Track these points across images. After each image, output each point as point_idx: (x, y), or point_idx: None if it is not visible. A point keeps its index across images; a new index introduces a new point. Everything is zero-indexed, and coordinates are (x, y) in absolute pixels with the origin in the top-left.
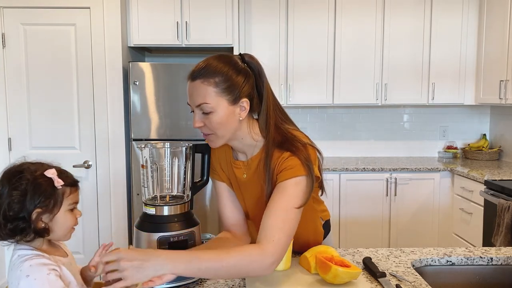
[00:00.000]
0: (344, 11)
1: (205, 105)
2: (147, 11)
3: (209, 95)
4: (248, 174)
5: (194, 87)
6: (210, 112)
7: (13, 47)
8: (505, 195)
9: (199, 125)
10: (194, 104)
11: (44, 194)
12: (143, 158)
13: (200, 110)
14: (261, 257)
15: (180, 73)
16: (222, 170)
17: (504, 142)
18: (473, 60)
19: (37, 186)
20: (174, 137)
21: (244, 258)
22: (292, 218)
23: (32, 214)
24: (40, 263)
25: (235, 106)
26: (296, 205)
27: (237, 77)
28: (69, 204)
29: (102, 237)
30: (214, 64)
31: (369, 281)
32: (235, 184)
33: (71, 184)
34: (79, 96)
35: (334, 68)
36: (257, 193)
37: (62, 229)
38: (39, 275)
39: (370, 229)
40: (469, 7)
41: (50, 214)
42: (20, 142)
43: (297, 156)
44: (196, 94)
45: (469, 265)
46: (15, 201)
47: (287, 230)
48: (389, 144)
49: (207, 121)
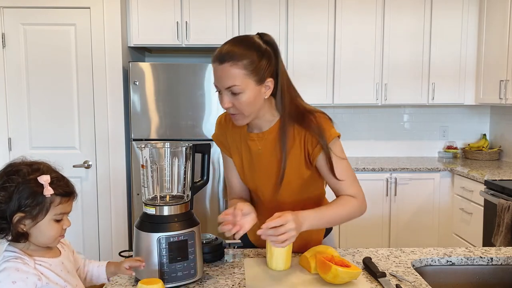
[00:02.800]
0: (344, 11)
1: (235, 87)
2: (147, 11)
3: (238, 77)
4: (263, 146)
5: (223, 70)
6: (239, 93)
7: (13, 47)
8: (505, 195)
9: (228, 106)
10: (223, 86)
11: (30, 200)
12: (143, 158)
13: (229, 91)
14: (362, 206)
15: (180, 73)
16: (234, 146)
17: (504, 142)
18: (473, 60)
19: (25, 190)
20: (174, 137)
21: (352, 206)
22: (351, 168)
23: (14, 217)
24: (14, 267)
25: (261, 86)
26: (346, 158)
27: (262, 58)
28: (56, 214)
29: (102, 237)
30: (241, 48)
31: (369, 281)
32: (247, 156)
33: (63, 194)
34: (79, 96)
35: (334, 68)
36: (268, 163)
37: (44, 237)
38: (6, 282)
39: (370, 229)
40: (469, 7)
41: (32, 221)
42: (20, 142)
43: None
44: (225, 77)
45: (469, 265)
46: (1, 201)
47: (357, 179)
48: (389, 144)
49: (236, 102)
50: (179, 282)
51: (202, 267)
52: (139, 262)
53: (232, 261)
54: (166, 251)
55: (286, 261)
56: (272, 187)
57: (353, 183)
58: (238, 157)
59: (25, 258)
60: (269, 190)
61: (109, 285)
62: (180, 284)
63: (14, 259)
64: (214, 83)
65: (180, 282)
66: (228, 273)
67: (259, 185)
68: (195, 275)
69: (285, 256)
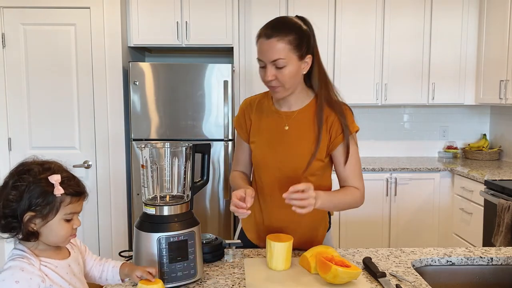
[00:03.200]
0: (344, 11)
1: (280, 60)
2: (147, 11)
3: (283, 51)
4: (292, 125)
5: (270, 44)
6: (283, 67)
7: (13, 47)
8: (505, 195)
9: (271, 79)
10: (269, 59)
11: (40, 199)
12: (143, 158)
13: (273, 65)
14: (362, 199)
15: (180, 73)
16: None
17: (504, 142)
18: (473, 60)
19: (36, 189)
20: (174, 137)
21: (355, 197)
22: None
23: (25, 216)
24: (19, 267)
25: (302, 61)
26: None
27: (303, 36)
28: (66, 213)
29: (102, 237)
30: (286, 26)
31: (369, 281)
32: (273, 134)
33: (73, 194)
34: (79, 96)
35: (334, 68)
36: (295, 145)
37: (54, 236)
38: (9, 281)
39: (370, 229)
40: (469, 7)
41: (42, 220)
42: (20, 142)
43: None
44: (272, 51)
45: (469, 265)
46: (12, 200)
47: (362, 174)
48: (389, 144)
49: (279, 75)
50: (179, 282)
51: (202, 267)
52: (151, 276)
53: (232, 261)
54: (166, 251)
55: (286, 261)
56: (297, 165)
57: (360, 177)
58: (261, 136)
59: (32, 258)
60: (291, 169)
61: (109, 285)
62: (180, 284)
63: (21, 258)
64: (258, 58)
65: (180, 282)
66: (228, 273)
67: (282, 164)
68: (195, 275)
69: (285, 256)
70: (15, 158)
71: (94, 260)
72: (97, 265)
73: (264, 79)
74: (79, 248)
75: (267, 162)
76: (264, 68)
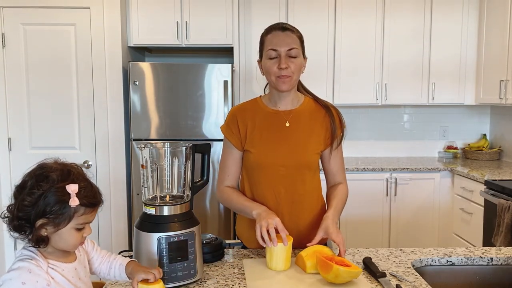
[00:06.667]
0: (344, 11)
1: (294, 49)
2: (147, 11)
3: (296, 43)
4: (292, 122)
5: (286, 35)
6: (295, 57)
7: (13, 47)
8: (505, 195)
9: (286, 66)
10: (286, 47)
11: (55, 208)
12: (143, 158)
13: (287, 54)
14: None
15: (180, 73)
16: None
17: (504, 142)
18: (473, 60)
19: (52, 198)
20: (174, 137)
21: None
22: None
23: (37, 222)
24: (27, 268)
25: (304, 60)
26: None
27: (303, 40)
28: (78, 223)
29: (102, 237)
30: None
31: (369, 281)
32: (268, 134)
33: (88, 205)
34: (79, 96)
35: (334, 68)
36: (298, 139)
37: (64, 243)
38: (16, 281)
39: (370, 229)
40: (469, 7)
41: (54, 227)
42: (20, 142)
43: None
44: (289, 39)
45: (469, 265)
46: (27, 205)
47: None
48: (389, 144)
49: (292, 64)
50: (179, 282)
51: (202, 267)
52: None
53: (232, 261)
54: (166, 251)
55: (286, 261)
56: (302, 159)
57: (344, 171)
58: (260, 137)
59: (40, 260)
60: (295, 164)
61: (109, 285)
62: (180, 284)
63: (29, 260)
64: (271, 49)
65: (180, 282)
66: (228, 273)
67: (286, 160)
68: (195, 275)
69: (285, 256)
70: (15, 158)
71: (102, 257)
72: (106, 262)
73: (275, 69)
74: (85, 250)
75: (270, 161)
76: (275, 59)
